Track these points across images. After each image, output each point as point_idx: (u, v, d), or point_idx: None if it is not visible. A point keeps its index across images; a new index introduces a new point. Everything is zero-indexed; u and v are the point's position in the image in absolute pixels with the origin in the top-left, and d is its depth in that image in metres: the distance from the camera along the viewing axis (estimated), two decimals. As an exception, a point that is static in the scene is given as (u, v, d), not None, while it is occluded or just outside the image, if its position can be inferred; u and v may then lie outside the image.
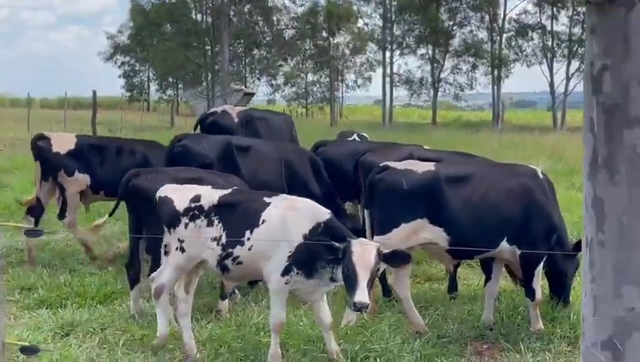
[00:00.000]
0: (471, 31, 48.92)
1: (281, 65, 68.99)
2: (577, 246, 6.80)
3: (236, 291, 7.26)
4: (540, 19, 47.78)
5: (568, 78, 46.64)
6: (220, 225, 5.49)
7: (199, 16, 35.10)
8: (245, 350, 5.84)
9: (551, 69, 47.18)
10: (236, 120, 9.74)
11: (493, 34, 48.81)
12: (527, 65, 48.07)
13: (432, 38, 48.21)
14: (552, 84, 47.36)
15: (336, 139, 10.94)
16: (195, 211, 5.57)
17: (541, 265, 6.51)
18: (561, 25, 48.04)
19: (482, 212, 6.32)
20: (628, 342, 3.35)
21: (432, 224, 6.38)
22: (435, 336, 6.37)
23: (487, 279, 6.84)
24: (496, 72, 48.19)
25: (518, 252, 6.39)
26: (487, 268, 6.85)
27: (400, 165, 6.55)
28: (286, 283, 5.38)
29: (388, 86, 52.40)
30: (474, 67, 48.66)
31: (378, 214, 6.46)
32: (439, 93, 50.97)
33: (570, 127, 48.08)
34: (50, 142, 8.63)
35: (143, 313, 6.62)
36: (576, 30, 47.27)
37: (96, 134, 20.28)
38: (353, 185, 7.95)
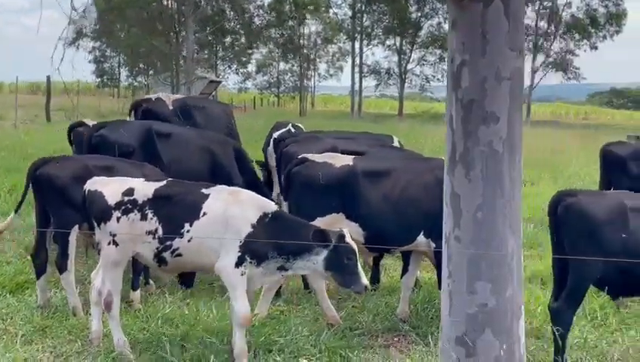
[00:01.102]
0: (439, 23, 48.99)
1: (251, 53, 68.50)
2: None
3: (151, 281, 7.20)
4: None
5: (534, 72, 46.98)
6: (156, 218, 5.42)
7: (164, 2, 34.71)
8: (149, 342, 5.77)
9: (517, 61, 47.36)
10: (171, 107, 9.62)
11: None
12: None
13: (400, 29, 48.21)
14: (518, 77, 47.55)
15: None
16: (127, 205, 5.47)
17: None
18: (527, 18, 48.33)
19: (398, 206, 6.31)
20: (480, 338, 3.36)
21: (347, 219, 6.36)
22: (348, 328, 6.36)
23: (405, 271, 6.85)
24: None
25: (434, 244, 6.38)
26: (406, 259, 6.86)
27: (318, 158, 6.50)
28: (242, 275, 5.33)
29: (357, 76, 52.36)
30: (441, 59, 48.78)
31: (295, 207, 6.42)
32: (406, 85, 51.05)
33: (535, 120, 48.57)
34: None
35: (50, 303, 6.51)
36: (543, 24, 47.66)
37: (50, 120, 19.97)
38: None
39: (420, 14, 48.60)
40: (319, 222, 6.21)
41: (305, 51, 71.78)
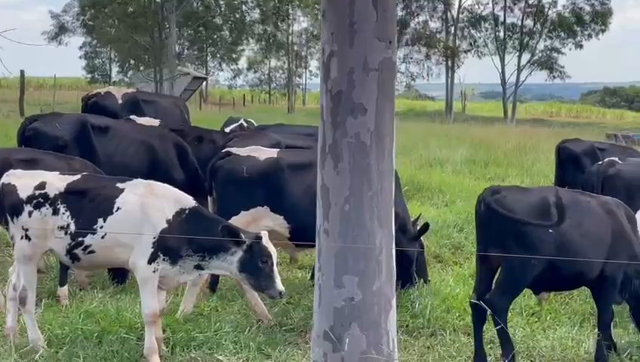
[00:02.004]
0: (425, 21, 49.08)
1: (241, 50, 68.31)
2: (421, 231, 6.81)
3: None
4: (493, 10, 48.11)
5: (520, 70, 46.97)
6: (68, 213, 5.32)
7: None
8: (66, 337, 5.70)
9: (502, 60, 47.48)
10: (120, 102, 9.54)
11: (447, 24, 48.97)
12: (479, 57, 48.40)
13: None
14: (503, 76, 47.65)
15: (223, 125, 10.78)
16: (39, 199, 5.37)
17: (382, 253, 6.47)
18: (512, 17, 48.45)
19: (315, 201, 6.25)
20: (347, 332, 3.31)
21: (272, 212, 6.31)
22: (277, 325, 6.31)
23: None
24: (449, 63, 48.38)
25: (356, 242, 6.34)
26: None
27: (243, 151, 6.45)
28: (154, 271, 5.24)
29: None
30: (427, 57, 48.79)
31: (219, 201, 6.36)
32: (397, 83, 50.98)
33: (524, 118, 48.59)
34: None
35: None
36: (529, 22, 47.71)
37: (23, 115, 19.83)
38: None
39: (405, 12, 48.59)
40: (244, 216, 6.17)
41: (296, 48, 71.69)
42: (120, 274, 7.08)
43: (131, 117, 8.70)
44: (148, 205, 5.26)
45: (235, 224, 6.18)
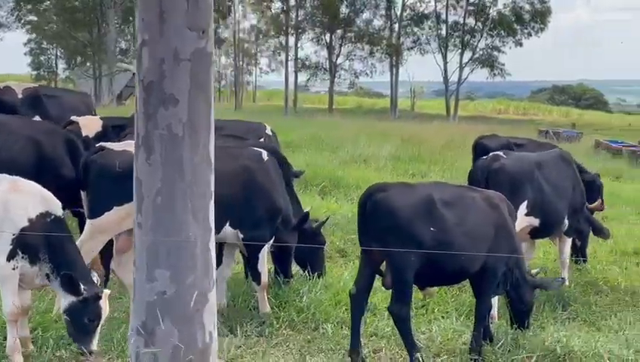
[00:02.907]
0: (371, 19, 49.34)
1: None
2: (299, 223, 6.82)
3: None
4: (436, 8, 48.60)
5: (462, 68, 47.56)
6: None
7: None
8: None
9: (445, 58, 48.02)
10: (20, 96, 9.29)
11: (391, 22, 49.28)
12: (421, 54, 48.83)
13: (331, 23, 48.29)
14: (445, 74, 48.20)
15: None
16: None
17: (265, 248, 6.44)
18: (455, 15, 49.02)
19: None
20: (159, 327, 3.25)
21: None
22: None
23: (219, 263, 6.72)
24: (393, 61, 48.68)
25: (241, 235, 6.29)
26: (220, 251, 6.74)
27: (117, 146, 6.31)
28: (13, 269, 5.08)
29: (293, 71, 52.28)
30: (371, 54, 49.03)
31: (91, 196, 6.21)
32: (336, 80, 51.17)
33: (470, 116, 49.28)
34: None
35: None
36: (470, 20, 48.33)
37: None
38: None
39: (350, 10, 48.78)
40: (116, 212, 6.02)
41: (246, 45, 71.21)
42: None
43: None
44: (10, 202, 5.12)
45: (107, 219, 6.06)
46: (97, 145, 6.42)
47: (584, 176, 10.27)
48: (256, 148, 6.66)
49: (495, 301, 6.75)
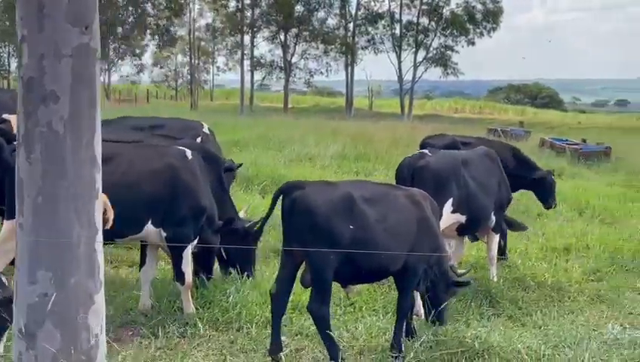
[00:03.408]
0: (325, 18, 49.40)
1: (145, 45, 66.88)
2: (226, 224, 6.76)
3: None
4: (389, 8, 48.89)
5: (416, 67, 47.94)
6: None
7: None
8: None
9: (399, 57, 48.32)
10: (-59, 95, 8.99)
11: (345, 20, 49.41)
12: (375, 53, 49.05)
13: (285, 22, 48.21)
14: (400, 73, 48.53)
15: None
16: None
17: (189, 247, 6.36)
18: (409, 14, 49.34)
19: (124, 194, 6.05)
20: (41, 330, 3.16)
21: None
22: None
23: (142, 263, 6.64)
24: (348, 60, 48.83)
25: (164, 234, 6.21)
26: (142, 252, 6.65)
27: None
28: None
29: (249, 70, 52.08)
30: (326, 53, 49.09)
31: (9, 196, 6.02)
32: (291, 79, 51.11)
33: (421, 114, 49.63)
34: None
35: None
36: (424, 20, 48.74)
37: None
38: None
39: (304, 8, 48.73)
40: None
41: (203, 43, 70.66)
42: None
43: None
44: None
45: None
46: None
47: (537, 174, 10.47)
48: (180, 147, 6.58)
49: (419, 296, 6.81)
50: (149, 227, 6.17)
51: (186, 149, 6.51)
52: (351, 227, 5.29)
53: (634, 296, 7.78)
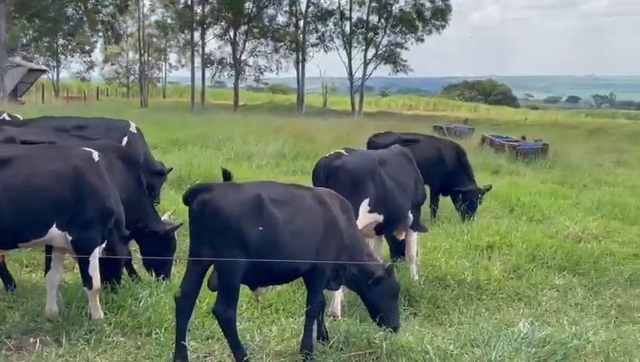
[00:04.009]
0: (276, 15, 49.23)
1: (96, 42, 65.94)
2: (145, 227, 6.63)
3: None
4: (339, 5, 49.02)
5: (366, 64, 48.12)
6: None
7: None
8: None
9: (349, 54, 48.48)
10: None
11: (295, 18, 49.36)
12: (325, 50, 49.14)
13: (235, 19, 47.90)
14: (350, 70, 48.67)
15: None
16: None
17: (97, 251, 6.21)
18: (359, 12, 49.51)
19: (26, 196, 5.88)
20: None
21: None
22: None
23: (48, 268, 6.46)
24: (299, 57, 48.75)
25: (70, 238, 6.05)
26: (48, 256, 6.47)
27: None
28: None
29: (200, 67, 51.61)
30: (276, 50, 48.93)
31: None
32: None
33: (375, 111, 49.82)
34: None
35: None
36: (373, 17, 49.01)
37: None
38: None
39: (254, 5, 48.47)
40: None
41: (155, 40, 69.76)
42: None
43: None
44: None
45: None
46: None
47: (468, 186, 10.59)
48: (86, 149, 6.41)
49: (339, 297, 6.77)
50: (54, 230, 6.00)
51: (93, 151, 6.34)
52: (260, 229, 5.24)
53: (551, 293, 7.87)
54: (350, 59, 47.95)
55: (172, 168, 9.91)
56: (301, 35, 48.06)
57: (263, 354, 5.81)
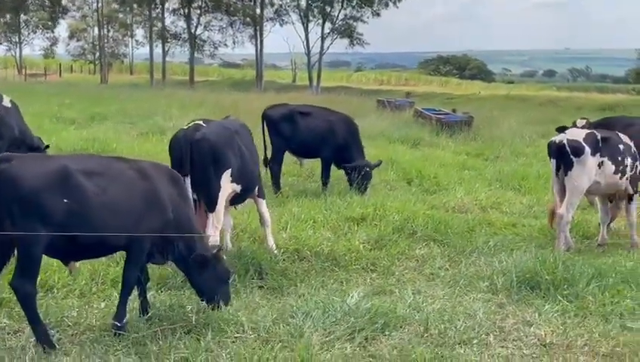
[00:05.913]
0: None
1: (55, 18, 64.97)
2: None
3: None
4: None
5: (323, 38, 47.73)
6: None
7: None
8: None
9: (306, 29, 48.03)
10: None
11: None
12: (281, 25, 48.64)
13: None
14: (307, 44, 48.28)
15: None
16: None
17: None
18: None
19: None
20: None
21: None
22: None
23: None
24: (257, 32, 48.24)
25: None
26: None
27: None
28: None
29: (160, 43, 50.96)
30: (231, 25, 48.38)
31: None
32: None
33: (337, 86, 49.46)
34: None
35: None
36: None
37: None
38: None
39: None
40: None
41: (121, 16, 68.77)
42: None
43: None
44: None
45: None
46: None
47: (355, 160, 10.60)
48: None
49: None
50: None
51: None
52: (65, 201, 5.08)
53: (408, 263, 7.77)
54: (307, 34, 47.58)
55: (48, 145, 9.72)
56: (258, 10, 47.51)
57: (79, 329, 5.69)
